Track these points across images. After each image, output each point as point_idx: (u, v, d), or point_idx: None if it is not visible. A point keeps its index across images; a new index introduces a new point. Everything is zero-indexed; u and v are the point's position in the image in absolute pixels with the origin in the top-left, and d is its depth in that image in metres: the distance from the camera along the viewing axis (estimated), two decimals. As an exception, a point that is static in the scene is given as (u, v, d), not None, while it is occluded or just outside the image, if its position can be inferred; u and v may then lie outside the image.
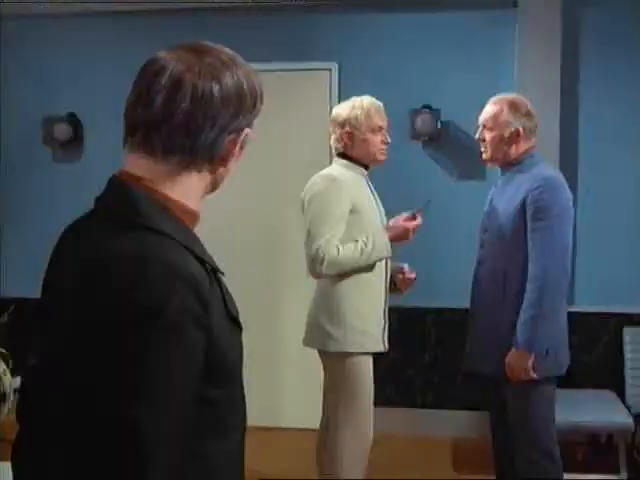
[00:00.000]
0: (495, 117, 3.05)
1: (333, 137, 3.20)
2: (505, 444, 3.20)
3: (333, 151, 3.24)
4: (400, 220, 3.13)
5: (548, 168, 3.05)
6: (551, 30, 4.49)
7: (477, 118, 3.15)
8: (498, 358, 2.97)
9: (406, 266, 3.29)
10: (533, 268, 2.91)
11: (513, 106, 3.05)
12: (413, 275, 3.27)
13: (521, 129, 3.03)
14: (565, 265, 2.92)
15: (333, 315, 3.08)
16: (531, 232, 2.93)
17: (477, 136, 3.14)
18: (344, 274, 3.06)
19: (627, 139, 4.59)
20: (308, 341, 3.19)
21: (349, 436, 3.06)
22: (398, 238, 3.11)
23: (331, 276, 3.06)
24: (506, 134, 3.03)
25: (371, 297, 3.12)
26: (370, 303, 3.12)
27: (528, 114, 3.06)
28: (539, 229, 2.91)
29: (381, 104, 3.21)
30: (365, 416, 3.08)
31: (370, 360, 3.13)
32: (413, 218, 3.15)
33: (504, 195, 3.07)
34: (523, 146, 3.06)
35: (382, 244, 3.06)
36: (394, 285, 3.30)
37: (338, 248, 2.98)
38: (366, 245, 3.02)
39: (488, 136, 3.08)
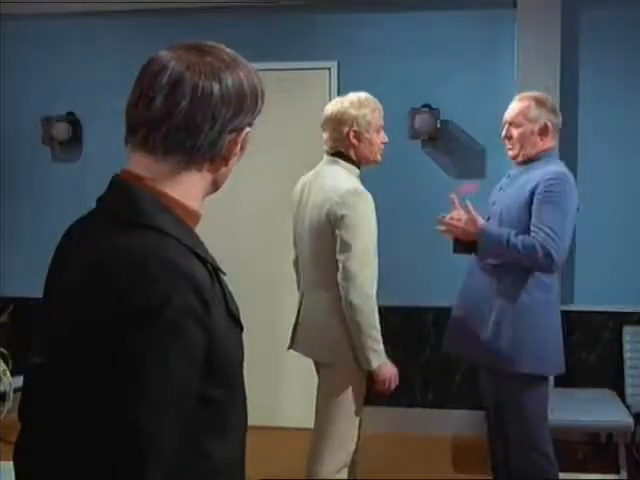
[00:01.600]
0: (523, 113, 3.05)
1: (330, 135, 2.97)
2: (501, 442, 3.20)
3: (325, 149, 3.02)
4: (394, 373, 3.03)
5: (563, 167, 3.06)
6: (551, 30, 4.49)
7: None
8: (481, 343, 2.99)
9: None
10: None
11: (539, 102, 3.07)
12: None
13: (549, 124, 3.03)
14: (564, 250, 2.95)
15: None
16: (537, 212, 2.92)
17: (503, 134, 3.11)
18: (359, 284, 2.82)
19: (627, 139, 4.58)
20: (324, 356, 3.00)
21: (342, 441, 2.98)
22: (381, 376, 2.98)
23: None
24: (536, 129, 3.03)
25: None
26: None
27: (554, 110, 3.09)
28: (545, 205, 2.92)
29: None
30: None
31: None
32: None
33: (512, 188, 3.06)
34: (548, 143, 3.06)
35: (381, 355, 2.92)
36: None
37: (375, 298, 2.83)
38: (379, 342, 2.87)
39: (516, 132, 3.06)
